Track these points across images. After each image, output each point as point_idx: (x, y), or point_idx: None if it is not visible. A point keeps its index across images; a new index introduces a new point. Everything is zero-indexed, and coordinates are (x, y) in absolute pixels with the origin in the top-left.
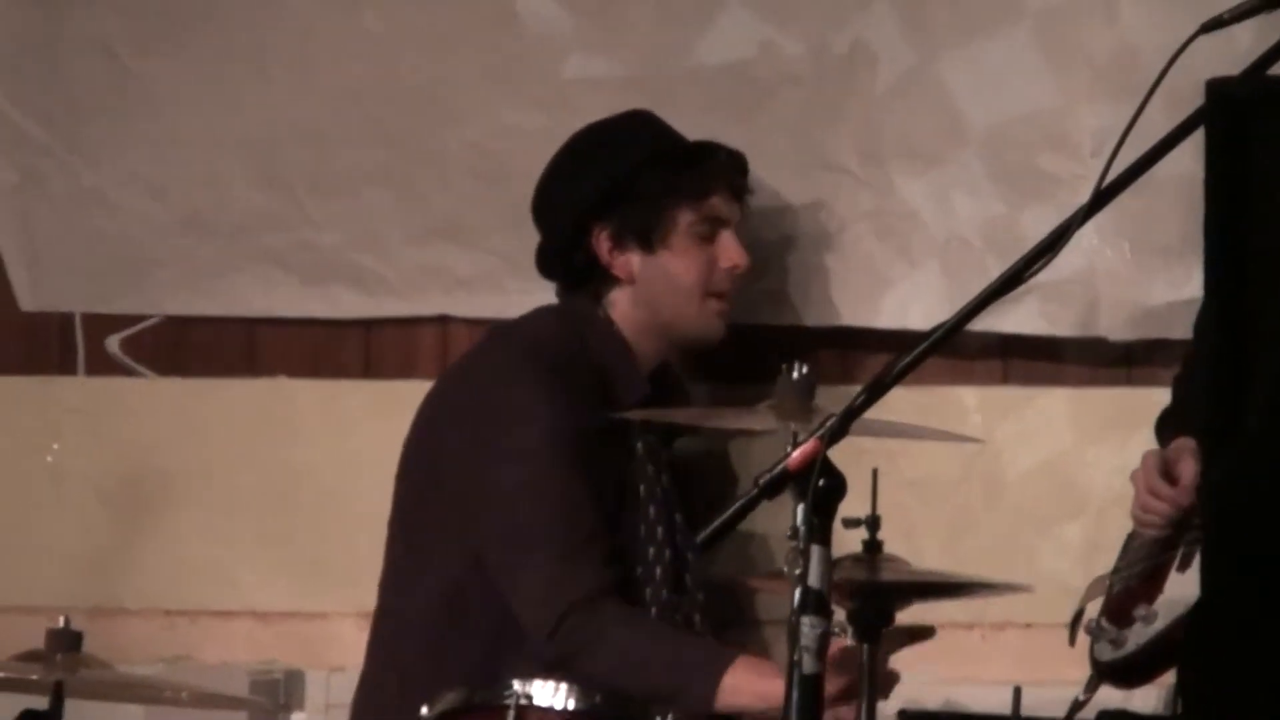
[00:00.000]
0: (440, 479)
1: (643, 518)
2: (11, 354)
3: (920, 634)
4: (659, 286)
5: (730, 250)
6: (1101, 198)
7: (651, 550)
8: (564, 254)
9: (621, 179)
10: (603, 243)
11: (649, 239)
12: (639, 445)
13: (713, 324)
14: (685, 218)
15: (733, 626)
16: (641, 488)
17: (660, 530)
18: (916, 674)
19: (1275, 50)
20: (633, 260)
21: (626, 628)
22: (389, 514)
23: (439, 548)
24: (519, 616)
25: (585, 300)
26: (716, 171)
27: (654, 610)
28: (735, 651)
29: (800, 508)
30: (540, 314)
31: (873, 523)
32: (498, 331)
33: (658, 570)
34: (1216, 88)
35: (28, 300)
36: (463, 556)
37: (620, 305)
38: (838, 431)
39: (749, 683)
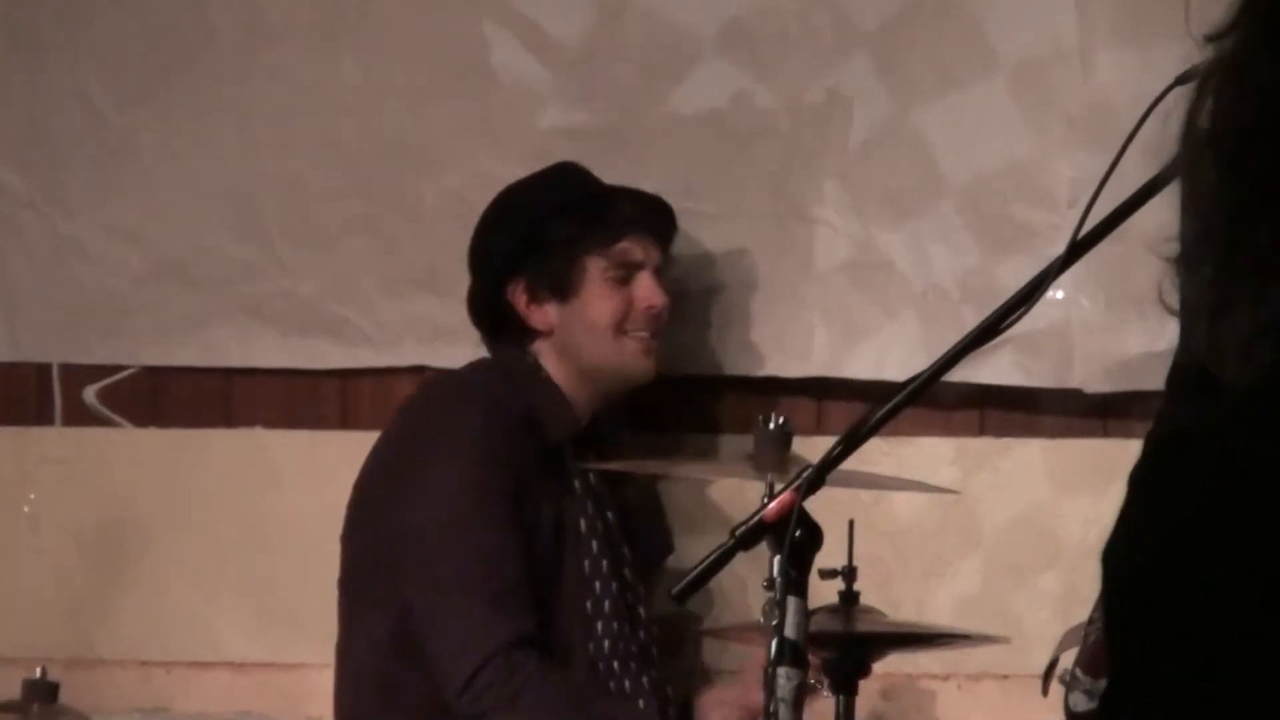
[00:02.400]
0: (372, 529)
1: (586, 553)
2: None
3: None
4: (576, 333)
5: (646, 291)
6: (1077, 249)
7: (598, 584)
8: (487, 307)
9: (530, 233)
10: (519, 296)
11: (563, 289)
12: (576, 483)
13: (636, 362)
14: (596, 264)
15: (716, 675)
16: (582, 523)
17: (605, 564)
18: None
19: None
20: (550, 311)
21: (542, 689)
22: (337, 578)
23: (377, 598)
24: (433, 667)
25: (511, 348)
26: (626, 216)
27: (606, 643)
28: (648, 715)
29: (776, 559)
30: (471, 365)
31: (849, 574)
32: (427, 380)
33: (606, 604)
34: None
35: (5, 350)
36: (396, 602)
37: (546, 355)
38: (814, 482)
39: None
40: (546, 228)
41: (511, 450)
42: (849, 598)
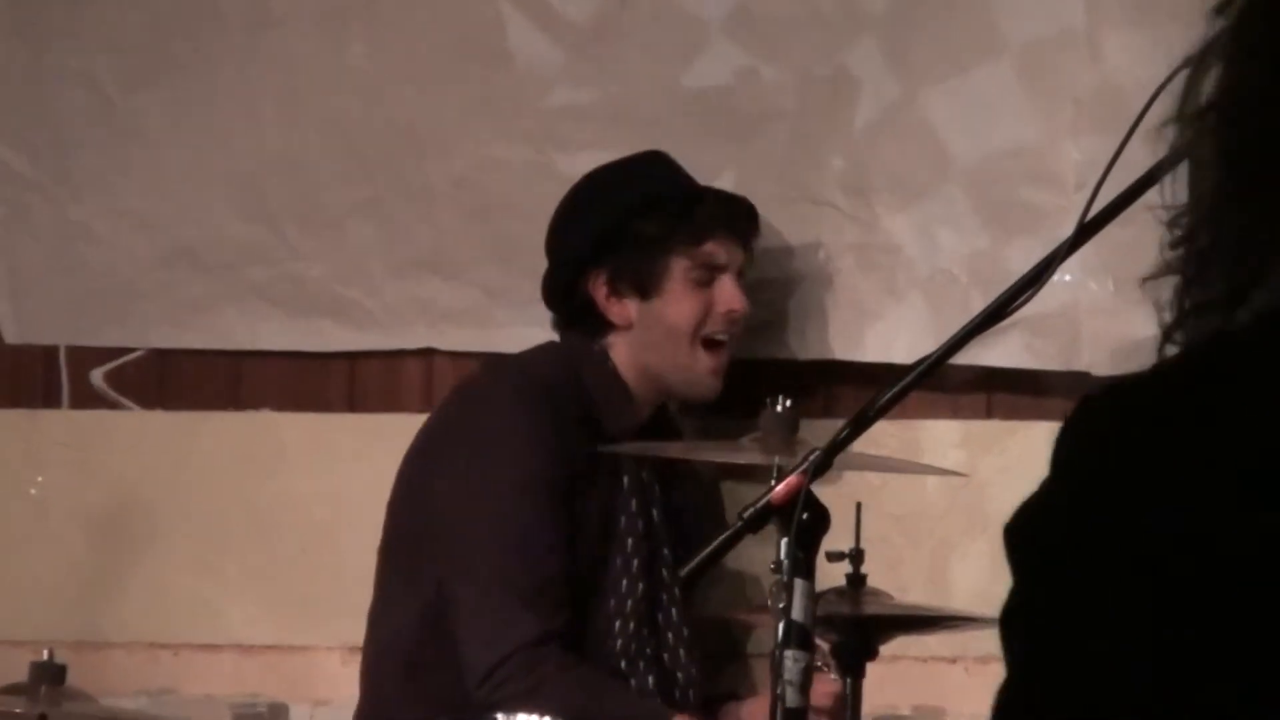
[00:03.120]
0: (418, 505)
1: (619, 550)
2: None
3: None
4: (654, 333)
5: (727, 294)
6: (1085, 231)
7: (624, 583)
8: (564, 293)
9: (616, 227)
10: (599, 289)
11: (644, 286)
12: (626, 479)
13: (705, 379)
14: (680, 264)
15: (723, 660)
16: (622, 520)
17: (636, 563)
18: (900, 708)
19: None
20: (629, 307)
21: (559, 684)
22: (379, 543)
23: (414, 573)
24: (460, 653)
25: (583, 338)
26: (713, 217)
27: (619, 642)
28: (671, 713)
29: (784, 542)
30: (538, 349)
31: (856, 556)
32: (490, 363)
33: (629, 603)
34: None
35: (12, 333)
36: (433, 582)
37: (618, 348)
38: (821, 465)
39: None
40: (634, 223)
41: (566, 447)
42: (856, 580)
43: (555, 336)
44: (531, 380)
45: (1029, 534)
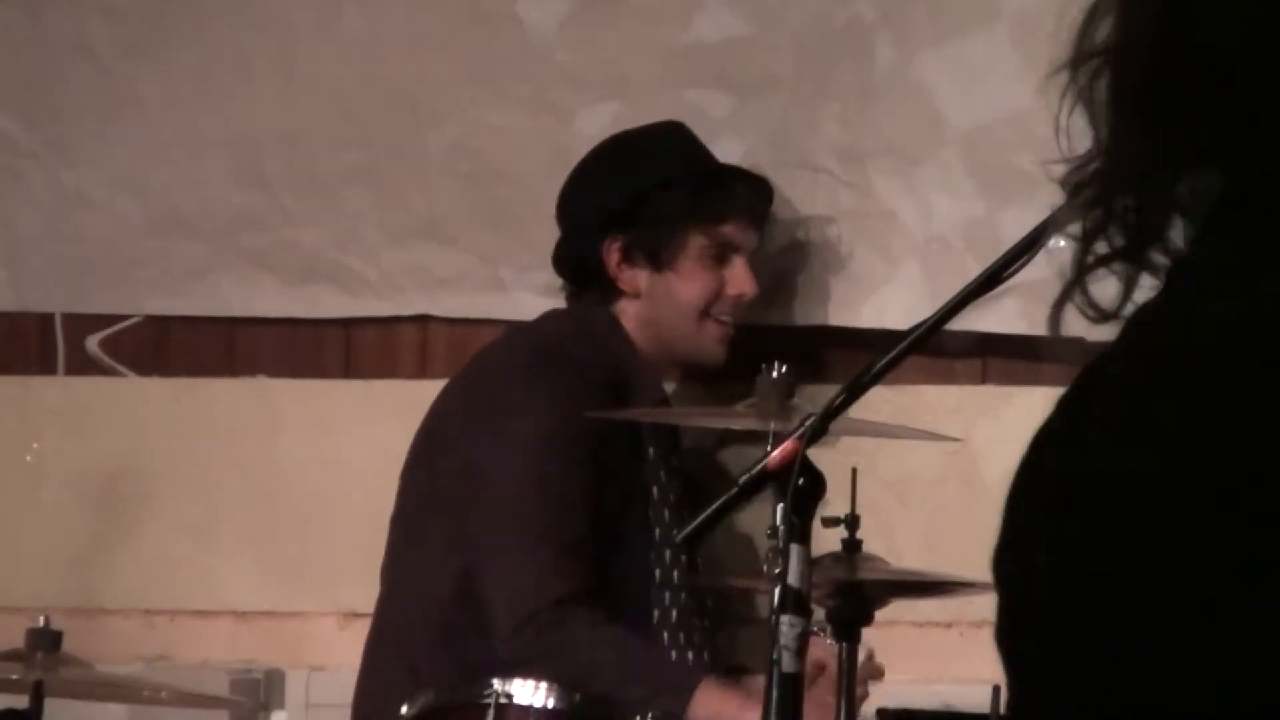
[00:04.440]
0: (441, 473)
1: (658, 520)
2: None
3: None
4: (662, 305)
5: (740, 278)
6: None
7: (668, 553)
8: (576, 259)
9: (637, 197)
10: (613, 255)
11: (658, 258)
12: (651, 450)
13: (711, 347)
14: (696, 241)
15: (740, 626)
16: (655, 490)
17: (676, 533)
18: (895, 672)
19: None
20: (640, 276)
21: (586, 642)
22: (393, 508)
23: (441, 541)
24: (488, 610)
25: (595, 305)
26: (734, 198)
27: (674, 613)
28: (701, 675)
29: (780, 507)
30: (555, 315)
31: (852, 522)
32: (512, 330)
33: (675, 573)
34: None
35: (7, 300)
36: (464, 544)
37: (627, 316)
38: (817, 431)
39: (714, 707)
40: (656, 194)
41: (596, 409)
42: (852, 546)
43: (551, 302)
44: (556, 345)
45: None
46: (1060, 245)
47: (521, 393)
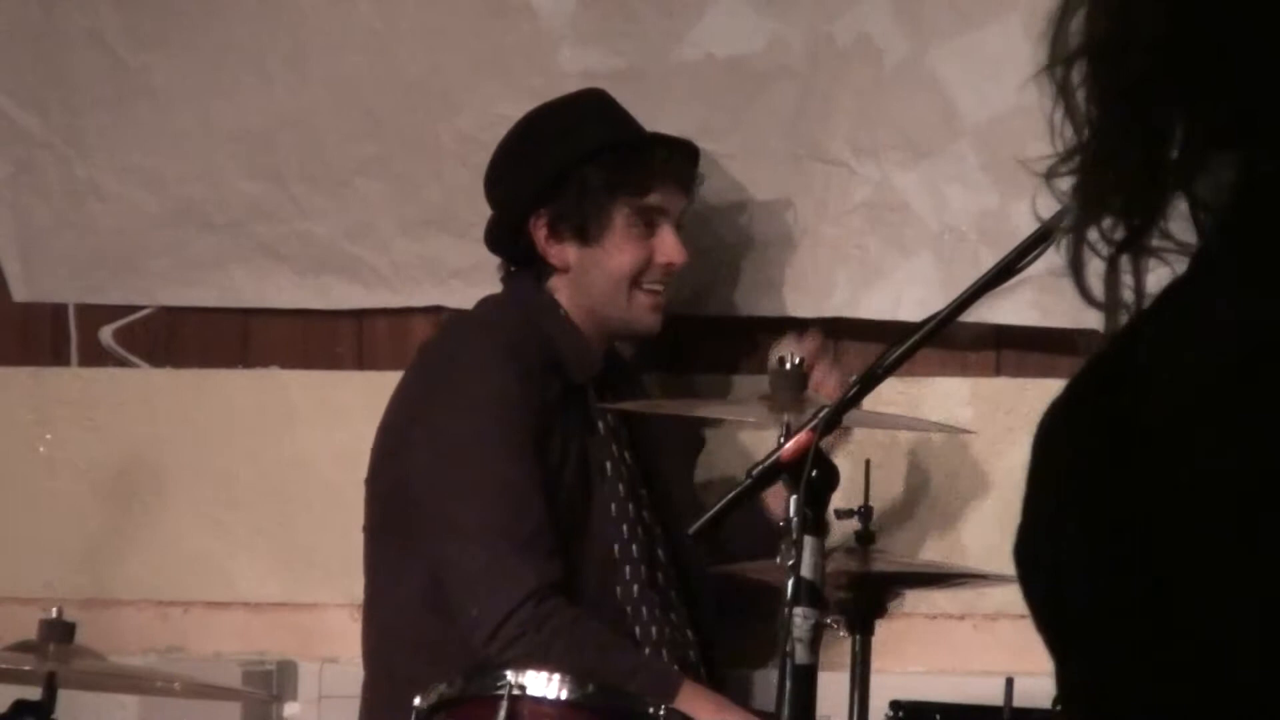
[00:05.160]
0: (402, 475)
1: (612, 495)
2: (4, 345)
3: None
4: (592, 278)
5: (667, 246)
6: None
7: (625, 527)
8: (506, 235)
9: (559, 172)
10: (540, 230)
11: (585, 232)
12: (600, 424)
13: (644, 317)
14: (621, 212)
15: (709, 604)
16: (607, 465)
17: (631, 507)
18: (909, 664)
19: None
20: (568, 251)
21: (572, 639)
22: (364, 524)
23: (408, 548)
24: (461, 615)
25: (529, 283)
26: (659, 165)
27: (635, 588)
28: (682, 676)
29: (793, 499)
30: (489, 300)
31: (865, 513)
32: (450, 320)
33: (633, 547)
34: None
35: (21, 291)
36: (425, 552)
37: (561, 292)
38: (831, 423)
39: (692, 710)
40: (579, 168)
41: (535, 394)
42: (865, 537)
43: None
44: (493, 329)
45: None
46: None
47: (464, 389)
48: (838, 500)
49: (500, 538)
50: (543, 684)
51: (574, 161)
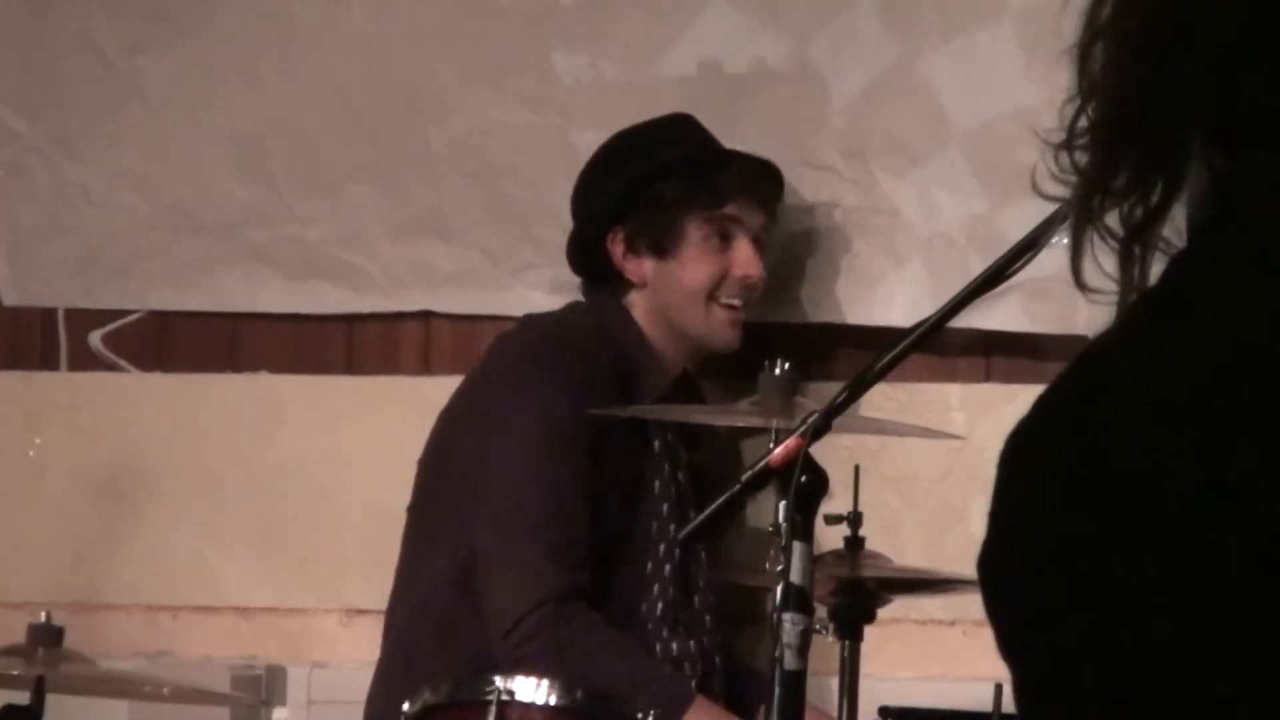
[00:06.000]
0: (450, 463)
1: (655, 514)
2: None
3: None
4: (669, 293)
5: (744, 258)
6: None
7: (662, 547)
8: (586, 253)
9: (637, 187)
10: (617, 246)
11: (661, 246)
12: (656, 443)
13: (722, 332)
14: (697, 226)
15: (745, 626)
16: (656, 484)
17: (673, 528)
18: (898, 670)
19: None
20: (646, 265)
21: (588, 643)
22: (409, 502)
23: (446, 531)
24: (486, 608)
25: (608, 298)
26: (734, 179)
27: (660, 606)
28: (694, 693)
29: (782, 504)
30: (571, 307)
31: (855, 519)
32: (525, 321)
33: (666, 567)
34: None
35: (10, 295)
36: (466, 541)
37: (638, 307)
38: (820, 428)
39: None
40: (654, 183)
41: (595, 403)
42: (854, 543)
43: (555, 298)
44: (563, 336)
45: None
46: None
47: (525, 387)
48: (827, 506)
49: (537, 537)
50: (531, 689)
51: (649, 177)
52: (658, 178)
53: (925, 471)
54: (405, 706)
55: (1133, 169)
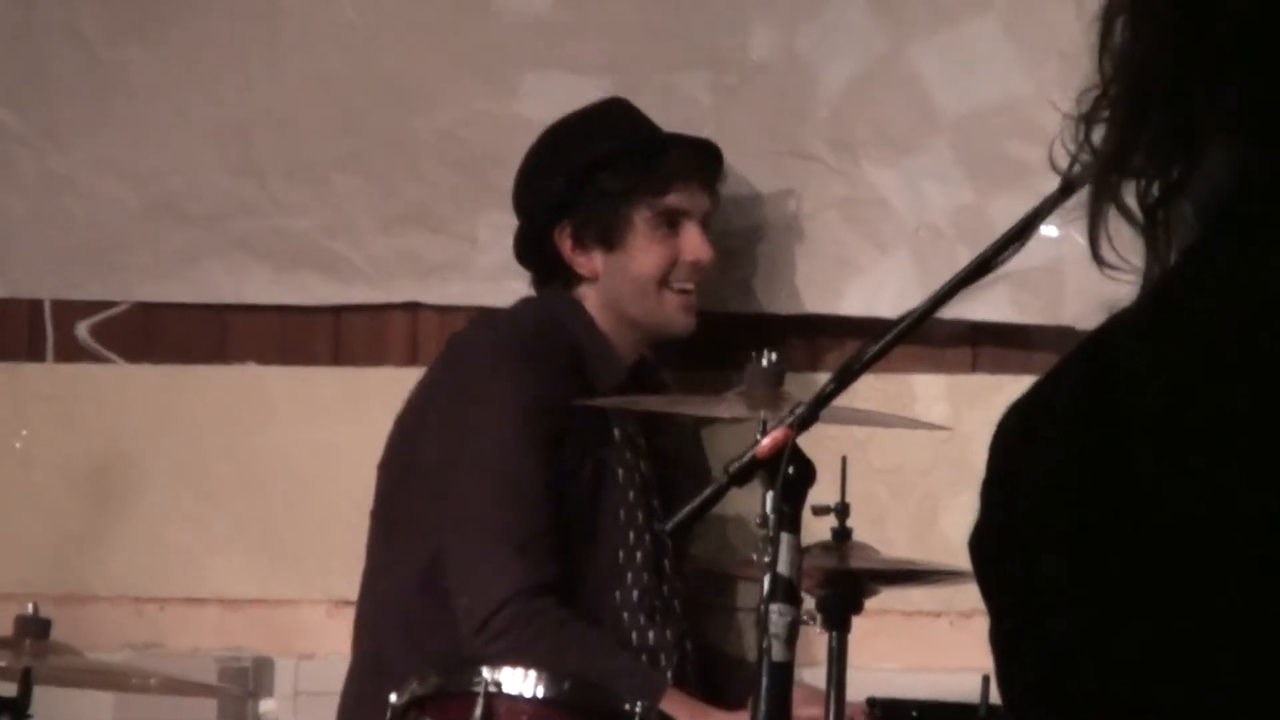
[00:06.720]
0: (411, 467)
1: (622, 502)
2: None
3: None
4: (620, 284)
5: (693, 244)
6: (1070, 186)
7: (632, 534)
8: (533, 248)
9: (577, 181)
10: (565, 241)
11: (609, 239)
12: (616, 432)
13: (676, 317)
14: (642, 215)
15: (713, 613)
16: (620, 472)
17: (640, 515)
18: (885, 661)
19: None
20: (595, 259)
21: (557, 639)
22: (372, 502)
23: (411, 534)
24: (453, 605)
25: (560, 291)
26: (675, 166)
27: (634, 594)
28: (667, 682)
29: (770, 495)
30: (523, 302)
31: (842, 510)
32: (478, 318)
33: (638, 555)
34: None
35: None
36: (430, 541)
37: (590, 300)
38: (807, 419)
39: (677, 713)
40: (596, 175)
41: (553, 396)
42: (842, 534)
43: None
44: (518, 333)
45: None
46: (1051, 234)
47: (481, 386)
48: (814, 496)
49: (501, 533)
50: (519, 681)
51: (589, 169)
52: (599, 168)
53: (912, 463)
54: (393, 698)
55: (1152, 146)
